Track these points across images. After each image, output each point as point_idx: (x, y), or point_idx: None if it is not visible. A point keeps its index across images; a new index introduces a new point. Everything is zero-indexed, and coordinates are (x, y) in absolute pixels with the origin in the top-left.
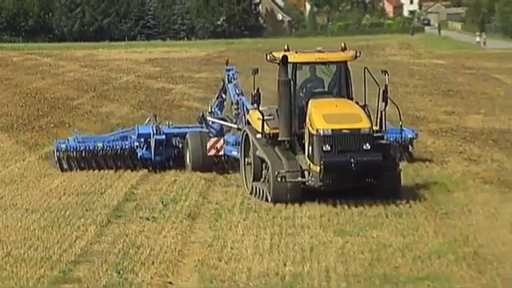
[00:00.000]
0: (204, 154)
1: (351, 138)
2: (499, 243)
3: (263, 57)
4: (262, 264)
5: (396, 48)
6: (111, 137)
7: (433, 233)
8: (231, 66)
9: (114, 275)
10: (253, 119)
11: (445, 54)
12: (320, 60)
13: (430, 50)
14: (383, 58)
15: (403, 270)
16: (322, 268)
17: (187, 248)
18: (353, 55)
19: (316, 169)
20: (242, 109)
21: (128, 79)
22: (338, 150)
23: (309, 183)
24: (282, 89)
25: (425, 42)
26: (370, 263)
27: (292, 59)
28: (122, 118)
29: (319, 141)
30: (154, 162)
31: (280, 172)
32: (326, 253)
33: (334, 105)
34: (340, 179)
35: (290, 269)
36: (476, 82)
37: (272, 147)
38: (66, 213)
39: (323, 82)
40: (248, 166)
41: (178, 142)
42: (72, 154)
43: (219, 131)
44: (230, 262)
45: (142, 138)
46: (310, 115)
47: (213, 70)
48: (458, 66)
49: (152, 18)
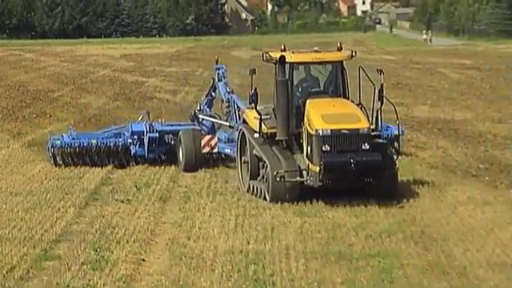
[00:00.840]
0: (197, 151)
1: (350, 138)
2: (444, 223)
3: (228, 52)
4: (227, 242)
5: (350, 45)
6: (105, 134)
7: (383, 214)
8: (221, 65)
9: (92, 253)
10: (249, 118)
11: (394, 51)
12: (317, 60)
13: (381, 46)
14: None
15: (356, 247)
16: (283, 246)
17: (159, 228)
18: (349, 55)
19: (315, 169)
20: (232, 107)
21: (104, 73)
22: (337, 150)
23: (307, 183)
24: (280, 89)
25: (376, 39)
26: (326, 241)
27: (289, 59)
28: (99, 108)
29: (318, 141)
30: (147, 159)
31: (279, 172)
32: (285, 232)
33: (332, 105)
34: (339, 179)
35: (253, 247)
36: (423, 76)
37: (269, 146)
38: (47, 196)
39: (319, 81)
40: (244, 165)
41: (171, 139)
42: (66, 150)
43: (211, 129)
44: (198, 240)
45: (136, 135)
46: (309, 115)
47: (182, 64)
48: (407, 62)
49: (126, 17)
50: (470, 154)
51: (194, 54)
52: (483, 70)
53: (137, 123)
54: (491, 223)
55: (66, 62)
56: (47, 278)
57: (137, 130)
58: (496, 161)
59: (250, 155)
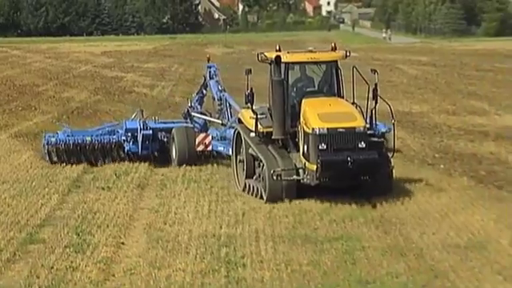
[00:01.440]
0: (190, 148)
1: (346, 137)
2: (402, 208)
3: (202, 49)
4: (201, 227)
5: (316, 43)
6: (99, 131)
7: (346, 200)
8: (212, 64)
9: (74, 237)
10: (245, 118)
11: (357, 48)
12: (312, 60)
13: (345, 44)
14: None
15: (321, 231)
16: (252, 230)
17: (137, 213)
18: (343, 55)
19: (312, 167)
20: (224, 105)
21: (86, 69)
22: (333, 148)
23: (304, 181)
24: (276, 88)
25: (340, 37)
26: (293, 226)
27: (285, 59)
28: (81, 102)
29: (315, 140)
30: (140, 156)
31: (275, 171)
32: (255, 217)
33: (328, 104)
34: (336, 177)
35: (225, 230)
36: (383, 71)
37: (265, 146)
38: (32, 183)
39: (314, 81)
40: (240, 164)
41: (164, 137)
42: (61, 147)
43: (203, 126)
44: (173, 225)
45: (129, 132)
46: (305, 114)
47: (159, 60)
48: (368, 58)
49: (107, 16)
50: (426, 144)
51: (170, 50)
52: (438, 66)
53: (130, 121)
54: (446, 208)
55: (49, 58)
56: (32, 260)
57: (131, 127)
58: (450, 150)
59: (246, 154)
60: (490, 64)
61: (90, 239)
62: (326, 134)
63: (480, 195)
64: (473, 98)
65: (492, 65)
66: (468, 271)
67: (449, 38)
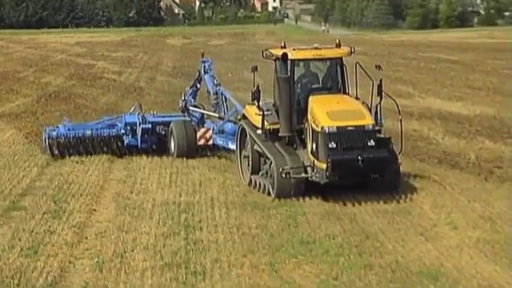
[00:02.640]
0: (188, 141)
1: (356, 135)
2: None
3: (164, 40)
4: (163, 195)
5: (263, 35)
6: (99, 124)
7: None
8: (207, 58)
9: (52, 204)
10: (250, 114)
11: (299, 39)
12: (318, 57)
13: (289, 36)
14: (254, 42)
15: (268, 199)
16: (208, 198)
17: (107, 184)
18: (348, 51)
19: (322, 165)
20: (220, 98)
21: (61, 57)
22: (343, 147)
23: (313, 179)
24: (283, 85)
25: (285, 30)
26: (244, 194)
27: (291, 56)
28: (58, 86)
29: (324, 138)
30: (139, 149)
31: (284, 168)
32: (211, 186)
33: (336, 101)
34: (347, 176)
35: (184, 198)
36: None
37: (272, 142)
38: (14, 158)
39: (318, 77)
40: (245, 159)
41: (161, 130)
42: (62, 141)
43: (200, 119)
44: (139, 194)
45: (129, 126)
46: (313, 112)
47: (126, 50)
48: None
49: (80, 11)
50: None
51: (136, 41)
52: (370, 55)
53: (129, 114)
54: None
55: (29, 48)
56: (15, 224)
57: (130, 121)
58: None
59: (251, 150)
60: (414, 53)
61: (66, 206)
62: (335, 132)
63: (405, 167)
64: (399, 82)
65: (416, 54)
66: (395, 233)
67: (378, 30)
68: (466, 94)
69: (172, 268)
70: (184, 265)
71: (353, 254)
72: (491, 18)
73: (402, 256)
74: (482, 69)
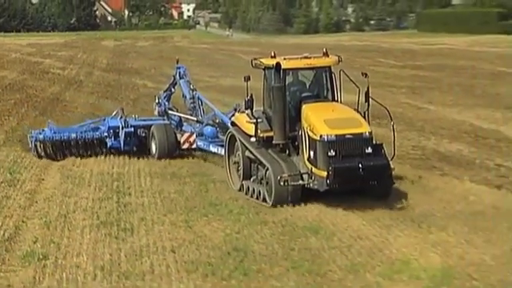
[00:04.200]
0: (169, 144)
1: (354, 143)
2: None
3: (99, 43)
4: (99, 167)
5: (180, 38)
6: (83, 127)
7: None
8: (181, 65)
9: (8, 175)
10: (240, 122)
11: (209, 42)
12: (308, 66)
13: (200, 39)
14: (172, 43)
15: (184, 169)
16: (136, 169)
17: None
18: (336, 60)
19: (321, 173)
20: (197, 103)
21: (15, 56)
22: (342, 154)
23: (310, 186)
24: (276, 94)
25: (197, 34)
26: (164, 166)
27: (284, 66)
28: (13, 79)
29: (324, 146)
30: (122, 151)
31: (282, 176)
32: (138, 161)
33: (331, 109)
34: (347, 183)
35: (116, 170)
36: (227, 58)
37: (265, 150)
38: None
39: (306, 85)
40: (234, 165)
41: (142, 132)
42: (48, 144)
43: (178, 123)
44: (79, 166)
45: (112, 129)
46: (309, 120)
47: (68, 50)
48: (217, 49)
49: (30, 18)
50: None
51: (76, 43)
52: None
53: (111, 118)
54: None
55: None
56: None
57: (113, 125)
58: None
59: (243, 157)
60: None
61: (19, 177)
62: (334, 140)
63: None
64: None
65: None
66: None
67: (271, 35)
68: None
69: (106, 226)
70: (116, 223)
71: (251, 213)
72: (360, 25)
73: (291, 215)
74: (354, 65)
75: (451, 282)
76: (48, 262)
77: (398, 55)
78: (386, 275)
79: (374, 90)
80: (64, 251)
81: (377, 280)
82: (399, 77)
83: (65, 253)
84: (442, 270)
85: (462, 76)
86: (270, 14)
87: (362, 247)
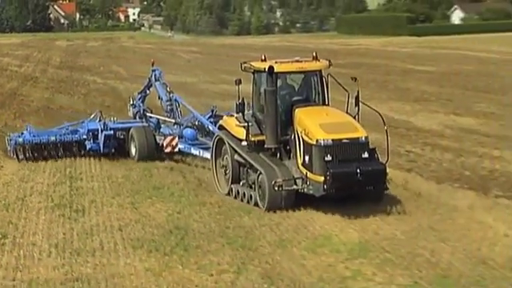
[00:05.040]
0: (149, 146)
1: (351, 148)
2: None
3: (53, 42)
4: None
5: (126, 38)
6: (62, 130)
7: None
8: (157, 67)
9: None
10: (229, 125)
11: (152, 42)
12: (300, 69)
13: (144, 40)
14: (119, 44)
15: (130, 158)
16: (87, 157)
17: None
18: (327, 64)
19: (317, 178)
20: (174, 105)
21: None
22: (338, 159)
23: (304, 191)
24: (269, 98)
25: (142, 35)
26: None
27: (277, 69)
28: None
29: (320, 151)
30: (101, 153)
31: (277, 181)
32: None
33: (324, 113)
34: (344, 188)
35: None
36: (169, 57)
37: (257, 154)
38: None
39: (295, 89)
40: (222, 169)
41: (121, 135)
42: (27, 147)
43: (156, 125)
44: None
45: (91, 132)
46: (303, 124)
47: (24, 50)
48: (160, 48)
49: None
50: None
51: (32, 43)
52: (204, 53)
53: (89, 121)
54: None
55: None
56: None
57: (92, 128)
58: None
59: (231, 161)
60: (234, 52)
61: None
62: (331, 145)
63: None
64: (225, 73)
65: (235, 52)
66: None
67: (209, 36)
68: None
69: (60, 207)
70: (69, 205)
71: (191, 195)
72: (287, 27)
73: (226, 196)
74: None
75: (367, 254)
76: (7, 240)
77: (321, 54)
78: (310, 249)
79: None
80: (21, 231)
81: (302, 253)
82: None
83: (22, 232)
84: (359, 244)
85: (376, 73)
86: (207, 18)
87: (289, 225)
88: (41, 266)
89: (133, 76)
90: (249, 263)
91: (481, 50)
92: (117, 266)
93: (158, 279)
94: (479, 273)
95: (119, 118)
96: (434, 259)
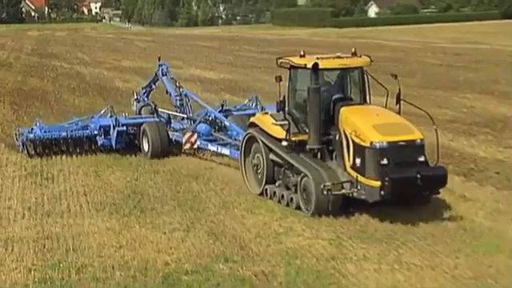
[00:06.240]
0: (162, 142)
1: (407, 150)
2: None
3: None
4: None
5: (89, 29)
6: (72, 126)
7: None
8: (163, 62)
9: None
10: (264, 123)
11: (112, 32)
12: (343, 66)
13: (105, 30)
14: (83, 34)
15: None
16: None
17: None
18: (368, 61)
19: (371, 183)
20: (184, 100)
21: None
22: (394, 163)
23: (354, 196)
24: (313, 96)
25: (103, 27)
26: None
27: (322, 66)
28: None
29: (375, 154)
30: (114, 149)
31: (326, 185)
32: None
33: (374, 113)
34: (402, 194)
35: None
36: (127, 45)
37: (297, 154)
38: None
39: (333, 86)
40: (253, 168)
41: (132, 130)
42: (38, 143)
43: (167, 120)
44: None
45: (103, 128)
46: (353, 125)
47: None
48: (119, 38)
49: None
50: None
51: (6, 33)
52: (157, 42)
53: (99, 116)
54: None
55: None
56: None
57: (104, 123)
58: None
59: (266, 160)
60: (184, 41)
61: None
62: (387, 147)
63: None
64: (174, 59)
65: (184, 42)
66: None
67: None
68: (215, 66)
69: (32, 176)
70: (40, 174)
71: (147, 164)
72: (229, 20)
73: (176, 165)
74: (223, 51)
75: (297, 213)
76: None
77: (257, 43)
78: (249, 210)
79: (240, 70)
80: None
81: (242, 214)
82: (259, 59)
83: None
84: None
85: None
86: (160, 11)
87: (231, 189)
88: (16, 226)
89: (95, 62)
90: (197, 222)
91: (393, 39)
92: (82, 225)
93: (118, 237)
94: (391, 228)
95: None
96: (353, 218)
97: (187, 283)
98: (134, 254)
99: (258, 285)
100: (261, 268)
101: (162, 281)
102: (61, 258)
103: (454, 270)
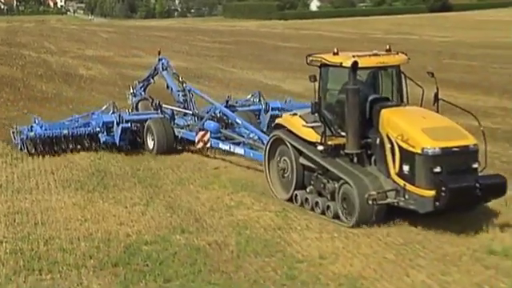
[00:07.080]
0: (167, 138)
1: (461, 157)
2: None
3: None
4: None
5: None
6: (73, 123)
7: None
8: (163, 56)
9: None
10: (293, 125)
11: (76, 24)
12: (381, 64)
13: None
14: (49, 25)
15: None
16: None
17: None
18: (406, 58)
19: (423, 192)
20: (188, 95)
21: None
22: (447, 171)
23: (400, 205)
24: (351, 97)
25: (68, 18)
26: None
27: (361, 64)
28: None
29: (427, 161)
30: (118, 146)
31: (371, 195)
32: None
33: (421, 116)
34: (458, 205)
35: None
36: (90, 36)
37: (334, 159)
38: None
39: (366, 86)
40: (280, 171)
41: (135, 127)
42: (39, 140)
43: (171, 116)
44: None
45: (105, 125)
46: (399, 128)
47: None
48: (82, 29)
49: None
50: (114, 72)
51: None
52: (118, 33)
53: (100, 112)
54: None
55: None
56: None
57: (107, 120)
58: (122, 74)
59: (295, 164)
60: (142, 32)
61: None
62: (440, 154)
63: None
64: (134, 49)
65: (143, 32)
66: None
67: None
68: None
69: (2, 156)
70: (10, 154)
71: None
72: (184, 13)
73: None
74: (179, 41)
75: (247, 188)
76: None
77: (210, 34)
78: (203, 185)
79: (194, 59)
80: None
81: (197, 189)
82: (212, 49)
83: None
84: (241, 181)
85: (253, 48)
86: (120, 4)
87: (186, 167)
88: None
89: (61, 51)
90: (155, 197)
91: (332, 30)
92: (50, 201)
93: (83, 211)
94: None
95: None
96: None
97: (147, 252)
98: (98, 226)
99: (212, 253)
100: (214, 238)
101: (124, 251)
102: (30, 230)
103: (386, 237)
